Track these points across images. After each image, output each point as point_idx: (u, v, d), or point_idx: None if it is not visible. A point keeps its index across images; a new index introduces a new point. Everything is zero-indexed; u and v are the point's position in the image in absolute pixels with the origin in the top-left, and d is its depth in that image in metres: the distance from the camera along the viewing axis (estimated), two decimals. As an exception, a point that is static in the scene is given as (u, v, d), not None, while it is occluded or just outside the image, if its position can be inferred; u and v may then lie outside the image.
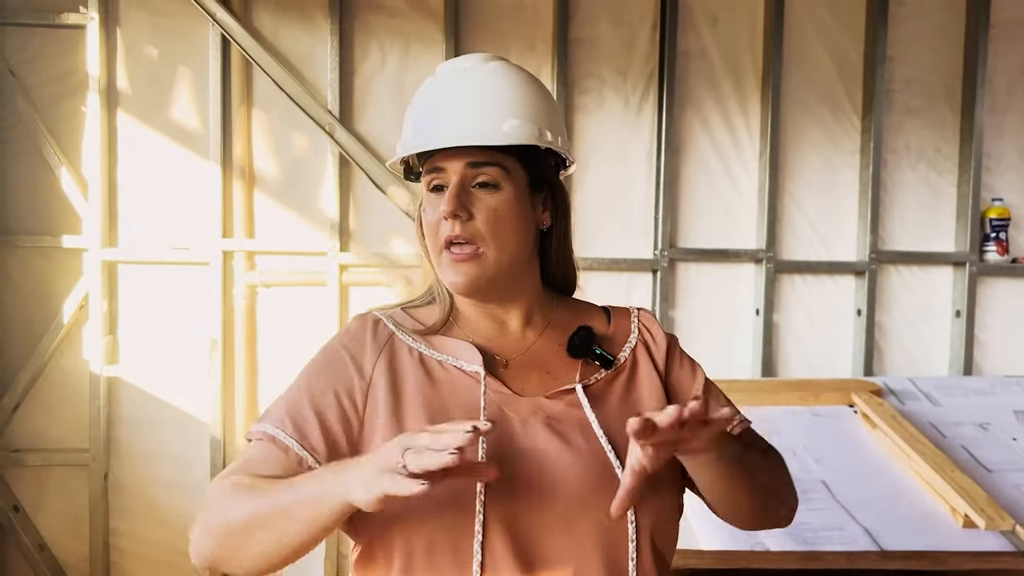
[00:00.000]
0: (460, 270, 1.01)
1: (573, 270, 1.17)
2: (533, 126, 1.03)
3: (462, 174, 1.01)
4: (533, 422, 0.99)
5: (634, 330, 1.13)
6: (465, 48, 3.11)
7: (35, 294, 3.01)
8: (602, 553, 0.94)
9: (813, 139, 3.29)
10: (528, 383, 1.04)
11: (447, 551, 0.93)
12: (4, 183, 2.98)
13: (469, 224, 1.01)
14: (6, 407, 2.97)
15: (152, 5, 2.99)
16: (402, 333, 1.06)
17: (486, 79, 1.04)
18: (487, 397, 1.00)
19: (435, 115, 1.02)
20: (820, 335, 3.32)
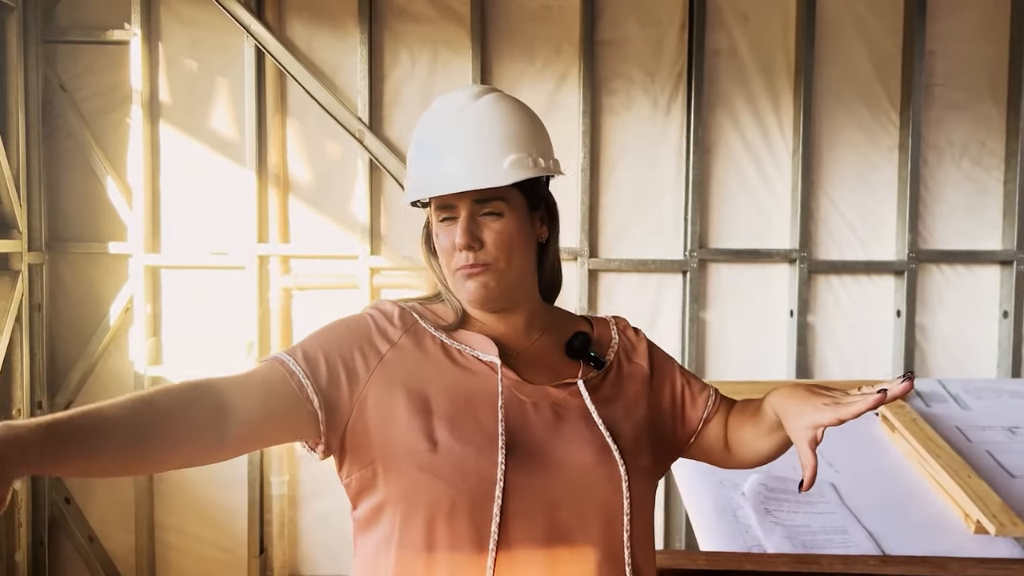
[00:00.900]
0: (476, 282, 1.11)
1: (560, 277, 1.27)
2: (528, 157, 1.12)
3: (470, 210, 1.11)
4: (543, 405, 1.11)
5: (615, 336, 1.24)
6: (492, 53, 3.15)
7: (84, 298, 3.16)
8: (602, 522, 1.06)
9: (849, 136, 3.22)
10: (535, 375, 1.14)
11: (467, 512, 1.02)
12: (56, 193, 3.14)
13: (481, 252, 1.11)
14: (59, 404, 3.13)
15: (191, 19, 3.11)
16: (424, 322, 1.16)
17: (483, 117, 1.13)
18: (502, 383, 1.10)
19: (439, 159, 1.12)
20: (858, 337, 3.25)
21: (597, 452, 1.08)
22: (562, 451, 1.07)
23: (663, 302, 3.24)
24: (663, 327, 3.21)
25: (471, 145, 1.11)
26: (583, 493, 1.05)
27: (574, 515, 1.05)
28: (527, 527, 1.03)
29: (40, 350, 3.07)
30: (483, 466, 1.03)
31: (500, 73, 3.16)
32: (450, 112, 1.14)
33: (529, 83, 3.16)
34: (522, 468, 1.04)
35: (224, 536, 3.21)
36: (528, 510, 1.04)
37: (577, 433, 1.09)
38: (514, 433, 1.06)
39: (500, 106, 1.14)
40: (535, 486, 1.04)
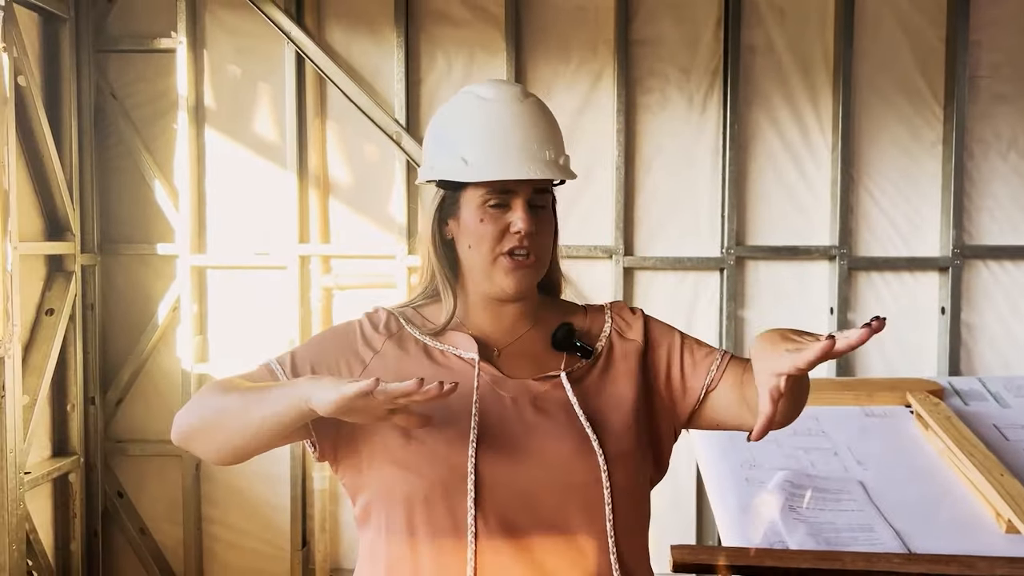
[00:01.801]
0: (520, 274, 1.14)
1: (561, 273, 1.30)
2: (569, 159, 1.21)
3: (529, 197, 1.14)
4: (522, 401, 1.13)
5: (608, 320, 1.25)
6: (527, 54, 3.18)
7: (134, 297, 3.28)
8: (583, 512, 1.08)
9: (890, 130, 3.16)
10: (518, 369, 1.17)
11: (442, 503, 1.06)
12: (108, 196, 3.26)
13: (535, 240, 1.14)
14: (110, 401, 3.25)
15: (234, 27, 3.21)
16: (410, 327, 1.20)
17: (540, 113, 1.18)
18: (480, 379, 1.13)
19: (509, 146, 1.14)
20: (901, 335, 3.19)
21: (575, 442, 1.09)
22: (538, 443, 1.09)
23: (700, 300, 3.22)
24: (700, 325, 3.20)
25: (535, 137, 1.14)
26: (561, 483, 1.07)
27: (553, 505, 1.07)
28: (505, 517, 1.06)
29: (93, 348, 3.19)
30: (454, 457, 1.06)
31: (535, 74, 3.18)
32: (508, 104, 1.16)
33: (564, 83, 3.18)
34: (495, 459, 1.07)
35: (268, 530, 3.29)
36: (505, 500, 1.06)
37: (556, 425, 1.11)
38: (488, 426, 1.09)
39: (545, 108, 1.20)
40: (510, 477, 1.07)
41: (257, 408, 1.02)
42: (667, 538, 3.12)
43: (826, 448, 2.05)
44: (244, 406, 1.04)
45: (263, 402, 1.02)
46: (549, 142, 1.16)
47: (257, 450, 1.07)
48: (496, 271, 1.15)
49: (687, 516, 3.16)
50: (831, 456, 2.02)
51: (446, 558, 1.06)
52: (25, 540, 2.77)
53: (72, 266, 3.07)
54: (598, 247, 3.18)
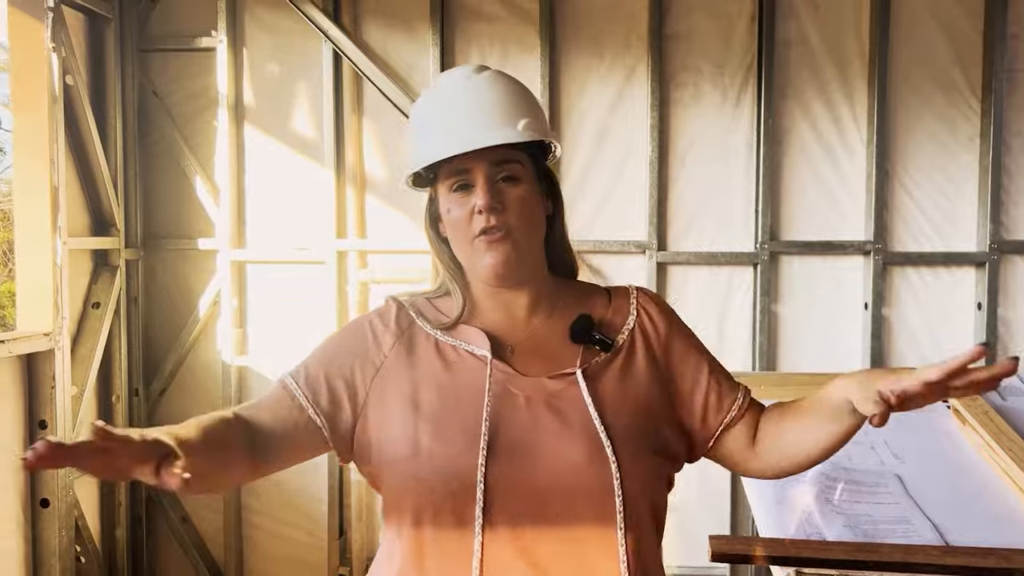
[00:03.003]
0: (496, 250, 1.10)
1: (572, 254, 1.25)
2: (539, 123, 1.14)
3: (487, 172, 1.10)
4: (536, 400, 1.09)
5: (632, 312, 1.20)
6: (561, 49, 3.20)
7: (176, 291, 3.35)
8: (593, 521, 1.03)
9: (926, 124, 3.15)
10: (532, 365, 1.13)
11: (451, 513, 1.04)
12: (150, 193, 3.33)
13: (502, 214, 1.09)
14: (154, 392, 3.33)
15: (273, 26, 3.26)
16: (421, 321, 1.17)
17: (491, 86, 1.14)
18: (493, 377, 1.10)
19: (450, 126, 1.11)
20: (936, 330, 3.18)
21: (588, 448, 1.05)
22: (550, 447, 1.05)
23: (733, 295, 3.23)
24: (734, 320, 3.21)
25: (484, 109, 1.11)
26: (571, 490, 1.04)
27: (563, 513, 1.03)
28: (513, 525, 1.03)
29: (136, 340, 3.28)
30: (463, 467, 1.03)
31: (569, 69, 3.20)
32: (455, 84, 1.14)
33: (598, 78, 3.20)
34: (505, 465, 1.03)
35: (306, 519, 3.35)
36: (514, 508, 1.03)
37: (569, 429, 1.06)
38: (499, 431, 1.05)
39: (504, 78, 1.16)
40: (520, 484, 1.03)
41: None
42: (701, 531, 3.14)
43: (863, 442, 2.06)
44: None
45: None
46: (501, 111, 1.11)
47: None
48: (475, 255, 1.11)
49: (722, 510, 3.18)
50: (868, 450, 2.02)
51: (452, 568, 1.04)
52: (74, 527, 2.85)
53: (117, 261, 3.15)
54: (631, 242, 3.20)
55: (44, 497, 2.72)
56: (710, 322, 3.21)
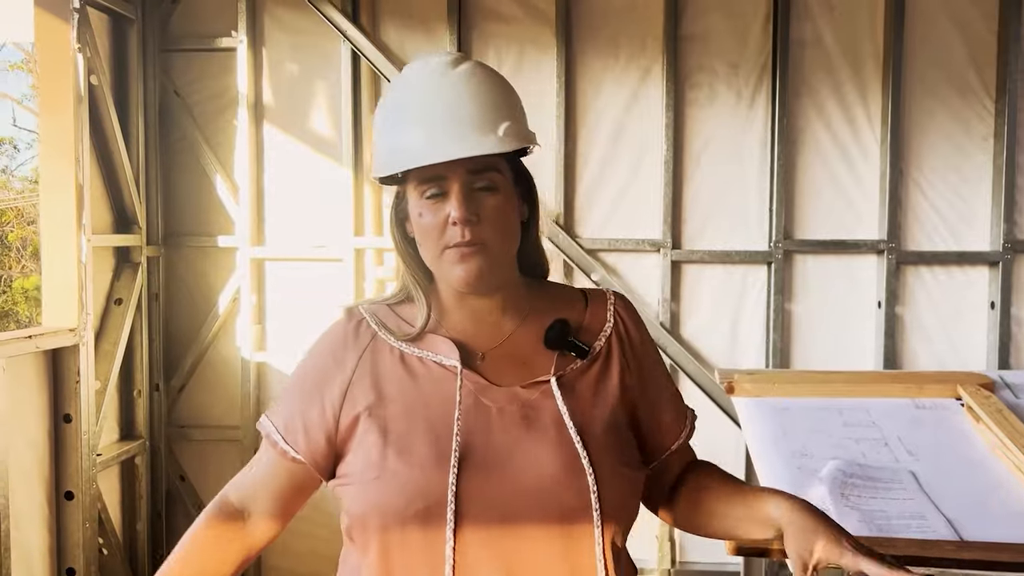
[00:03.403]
0: (469, 263, 1.03)
1: (544, 256, 1.19)
2: (519, 126, 1.06)
3: (464, 180, 1.02)
4: (509, 411, 1.04)
5: (610, 319, 1.15)
6: (577, 50, 3.23)
7: (196, 288, 3.40)
8: (567, 534, 1.00)
9: (940, 125, 3.16)
10: (505, 374, 1.07)
11: (420, 535, 0.99)
12: (171, 191, 3.38)
13: (478, 227, 1.02)
14: (174, 388, 3.38)
15: (292, 26, 3.30)
16: (384, 332, 1.10)
17: (469, 82, 1.04)
18: (464, 388, 1.04)
19: (425, 126, 1.03)
20: (949, 329, 3.19)
21: (563, 461, 1.01)
22: (524, 462, 1.01)
23: (748, 294, 3.25)
24: (748, 318, 3.23)
25: (462, 111, 1.02)
26: (547, 506, 0.99)
27: (538, 529, 0.99)
28: (485, 542, 0.99)
29: (157, 336, 3.32)
30: (432, 488, 0.98)
31: (584, 69, 3.23)
32: (431, 78, 1.05)
33: (613, 79, 3.23)
34: (477, 484, 0.99)
35: (323, 513, 3.38)
36: (486, 525, 0.99)
37: (544, 441, 1.02)
38: (471, 446, 1.00)
39: (484, 72, 1.07)
40: (492, 502, 0.99)
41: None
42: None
43: (877, 439, 2.09)
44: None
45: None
46: (481, 113, 1.02)
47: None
48: (444, 264, 1.04)
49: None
50: (882, 446, 2.05)
51: None
52: (97, 519, 2.90)
53: (138, 257, 3.20)
54: (646, 240, 3.23)
55: (68, 490, 2.77)
56: (724, 320, 3.23)
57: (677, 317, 3.24)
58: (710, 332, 3.25)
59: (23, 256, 16.25)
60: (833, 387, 2.33)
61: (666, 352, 3.17)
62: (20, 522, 2.54)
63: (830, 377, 2.42)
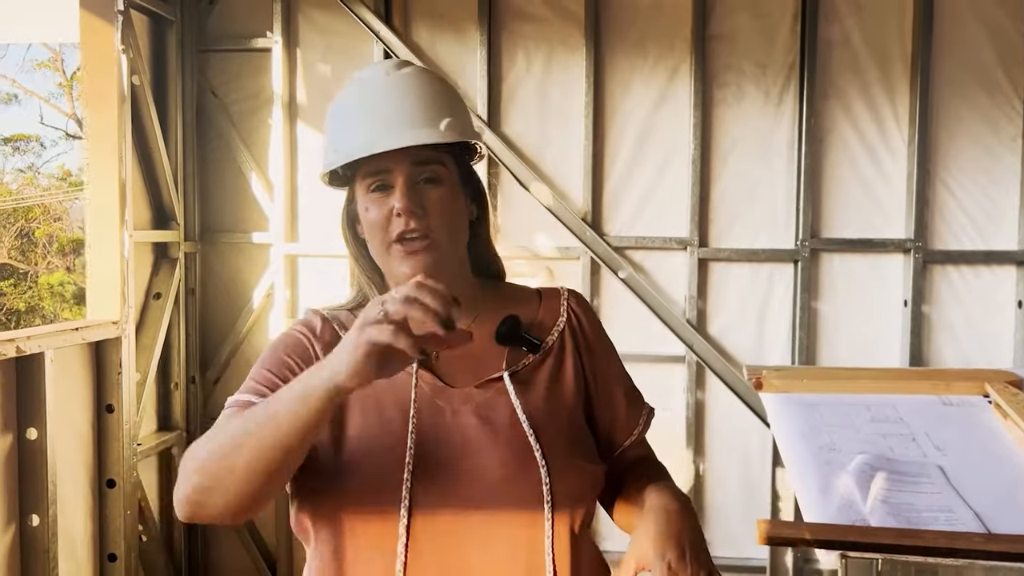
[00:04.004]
0: (415, 259, 1.05)
1: (497, 257, 1.22)
2: (462, 122, 1.10)
3: (408, 172, 1.05)
4: (464, 411, 1.06)
5: (563, 313, 1.17)
6: (605, 50, 3.27)
7: (232, 283, 3.48)
8: (522, 529, 1.02)
9: (968, 125, 3.17)
10: (458, 372, 1.09)
11: (374, 536, 1.00)
12: (208, 188, 3.46)
13: (423, 219, 1.05)
14: (209, 380, 3.46)
15: (326, 27, 3.37)
16: (344, 334, 1.05)
17: (412, 82, 1.08)
18: (419, 389, 1.06)
19: (369, 122, 1.06)
20: (976, 328, 3.20)
21: (517, 457, 1.03)
22: (478, 457, 1.02)
23: (774, 292, 3.28)
24: (774, 316, 3.26)
25: (406, 107, 1.06)
26: (499, 499, 1.01)
27: (490, 523, 1.01)
28: (438, 542, 1.00)
29: (194, 330, 3.41)
30: (387, 484, 1.00)
31: (613, 69, 3.27)
32: (376, 79, 1.10)
33: (641, 78, 3.27)
34: (431, 481, 1.00)
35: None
36: (439, 524, 1.00)
37: (497, 439, 1.04)
38: (425, 446, 1.02)
39: (427, 75, 1.12)
40: (446, 498, 1.00)
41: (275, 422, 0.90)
42: (740, 524, 3.20)
43: (904, 434, 2.11)
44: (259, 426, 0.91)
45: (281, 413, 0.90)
46: (422, 109, 1.06)
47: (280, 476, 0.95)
48: (392, 261, 1.06)
49: (760, 503, 3.22)
50: (909, 441, 2.08)
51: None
52: (137, 506, 2.98)
53: (176, 253, 3.28)
54: (673, 239, 3.26)
55: (111, 478, 2.85)
56: (750, 318, 3.27)
57: (704, 314, 3.28)
58: (736, 330, 3.28)
59: (49, 252, 16.50)
60: (860, 383, 2.36)
61: (692, 349, 3.21)
62: (65, 508, 2.63)
63: (857, 373, 2.45)
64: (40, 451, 2.45)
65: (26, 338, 2.35)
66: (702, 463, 3.24)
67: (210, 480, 0.95)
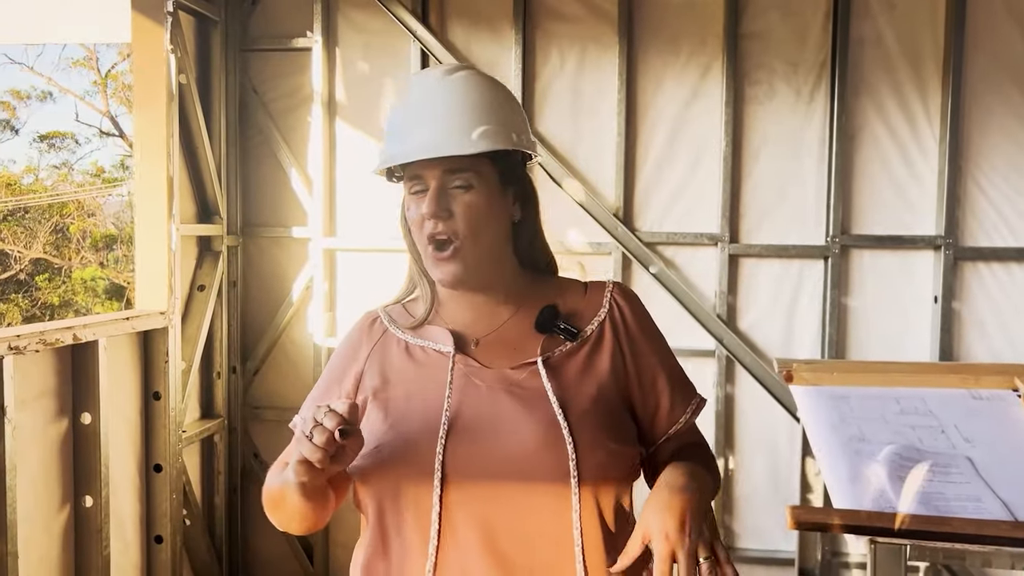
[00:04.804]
0: (445, 268, 1.15)
1: (548, 253, 1.29)
2: (502, 129, 1.15)
3: (440, 180, 1.13)
4: (497, 389, 1.14)
5: (605, 304, 1.23)
6: (638, 48, 3.32)
7: (271, 277, 3.58)
8: (548, 500, 1.08)
9: (1001, 121, 3.19)
10: (497, 358, 1.17)
11: (411, 497, 1.09)
12: (248, 183, 3.56)
13: (449, 222, 1.13)
14: (249, 371, 3.56)
15: (364, 26, 3.45)
16: (393, 327, 1.25)
17: (455, 89, 1.15)
18: (456, 371, 1.15)
19: (411, 130, 1.14)
20: (1007, 325, 3.22)
21: (545, 431, 1.08)
22: (508, 433, 1.09)
23: (804, 288, 3.31)
24: (803, 311, 3.30)
25: (442, 115, 1.13)
26: (528, 472, 1.07)
27: (519, 494, 1.08)
28: (470, 510, 1.07)
29: (235, 322, 3.51)
30: (422, 453, 1.08)
31: (645, 67, 3.32)
32: (423, 86, 1.17)
33: (674, 76, 3.31)
34: (464, 453, 1.08)
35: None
36: (470, 491, 1.08)
37: (528, 414, 1.10)
38: (459, 417, 1.10)
39: (473, 81, 1.17)
40: (477, 470, 1.07)
41: (284, 499, 1.12)
42: (770, 516, 3.24)
43: (933, 426, 2.15)
44: (277, 500, 1.16)
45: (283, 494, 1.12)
46: (461, 117, 1.12)
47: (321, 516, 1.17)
48: (428, 263, 1.17)
49: (789, 495, 3.26)
50: (938, 433, 2.12)
51: (410, 551, 1.10)
52: (182, 491, 3.09)
53: (219, 247, 3.38)
54: (704, 234, 3.31)
55: (157, 463, 2.96)
56: (780, 313, 3.31)
57: (734, 309, 3.32)
58: (766, 325, 3.32)
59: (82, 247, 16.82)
60: (890, 376, 2.40)
61: (722, 343, 3.25)
62: (116, 491, 2.73)
63: (887, 367, 2.49)
64: (93, 435, 2.56)
65: (82, 326, 2.45)
66: (731, 456, 3.29)
67: (276, 520, 1.23)
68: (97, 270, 16.42)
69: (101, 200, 17.98)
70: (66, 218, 16.97)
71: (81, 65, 17.16)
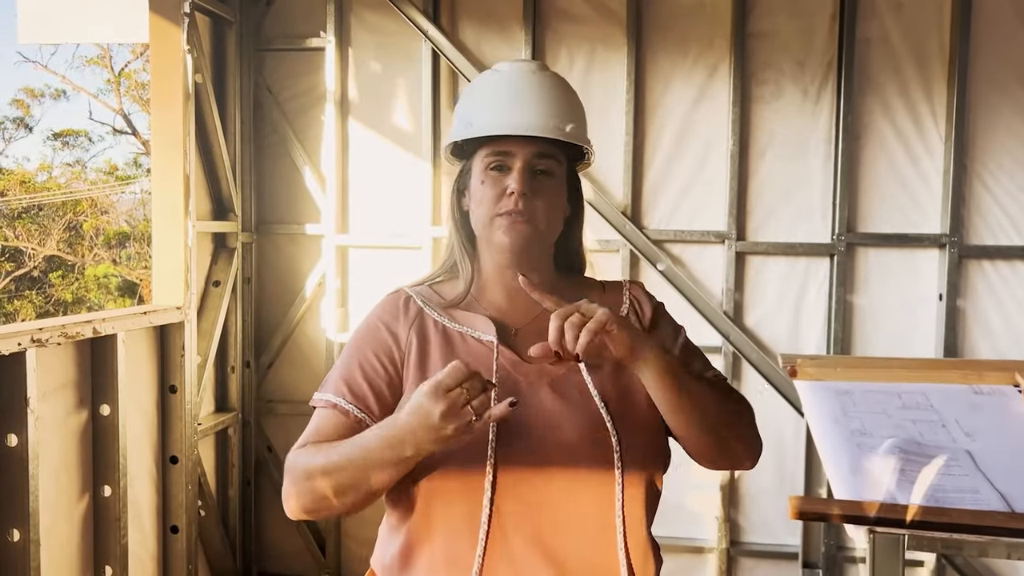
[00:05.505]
0: (515, 230, 1.17)
1: (582, 255, 1.34)
2: (583, 130, 1.25)
3: (528, 159, 1.18)
4: (538, 384, 1.17)
5: (625, 302, 1.30)
6: (646, 48, 3.36)
7: (285, 273, 3.64)
8: (594, 491, 1.13)
9: (1007, 121, 3.22)
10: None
11: (462, 490, 1.12)
12: (263, 181, 3.62)
13: (531, 201, 1.17)
14: (263, 365, 3.63)
15: (377, 27, 3.51)
16: (429, 308, 1.23)
17: (553, 83, 1.24)
18: (498, 362, 1.18)
19: (510, 106, 1.19)
20: (1012, 323, 3.25)
21: (590, 427, 1.13)
22: (554, 430, 1.13)
23: (810, 285, 3.35)
24: (809, 309, 3.34)
25: (544, 101, 1.19)
26: (575, 464, 1.12)
27: (566, 488, 1.11)
28: (518, 502, 1.11)
29: (249, 317, 3.57)
30: (474, 449, 1.10)
31: (654, 67, 3.37)
32: (522, 72, 1.23)
33: (682, 76, 3.36)
34: (512, 449, 1.11)
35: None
36: (519, 486, 1.11)
37: (572, 411, 1.14)
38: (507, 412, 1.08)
39: (563, 82, 1.26)
40: (526, 458, 1.11)
41: (367, 473, 1.06)
42: (774, 511, 3.28)
43: (934, 421, 2.19)
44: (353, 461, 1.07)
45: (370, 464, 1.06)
46: (553, 109, 1.18)
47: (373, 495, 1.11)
48: (493, 230, 1.17)
49: (794, 490, 3.31)
50: (939, 428, 2.15)
51: (458, 537, 1.12)
52: (197, 483, 3.15)
53: (234, 243, 3.44)
54: (711, 232, 3.35)
55: (173, 455, 3.03)
56: (786, 310, 3.34)
57: (740, 306, 3.36)
58: (772, 322, 3.36)
59: (95, 245, 16.96)
60: (893, 372, 2.44)
61: (729, 340, 3.29)
62: (133, 482, 2.80)
63: (890, 363, 2.52)
64: (112, 426, 2.62)
65: (102, 320, 2.51)
66: (737, 451, 3.32)
67: (314, 496, 1.12)
68: (110, 267, 16.56)
69: (114, 197, 18.12)
70: (79, 215, 17.12)
71: (95, 64, 17.30)
